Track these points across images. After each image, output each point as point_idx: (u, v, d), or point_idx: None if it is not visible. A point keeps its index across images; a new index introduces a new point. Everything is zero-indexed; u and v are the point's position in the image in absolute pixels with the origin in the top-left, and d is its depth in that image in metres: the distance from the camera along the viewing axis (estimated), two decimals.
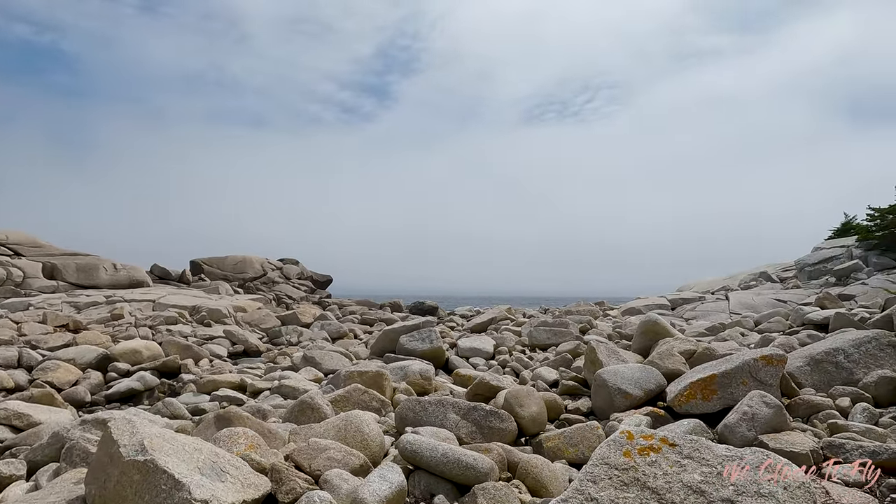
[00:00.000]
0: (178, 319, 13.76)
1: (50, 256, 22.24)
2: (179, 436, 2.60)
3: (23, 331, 11.03)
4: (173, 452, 2.32)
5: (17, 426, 4.67)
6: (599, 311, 16.45)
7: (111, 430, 2.31)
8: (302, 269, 30.96)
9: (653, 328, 6.09)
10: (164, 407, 5.55)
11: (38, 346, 9.41)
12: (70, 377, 7.30)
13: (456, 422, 3.96)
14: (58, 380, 7.13)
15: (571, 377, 5.67)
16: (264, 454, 3.13)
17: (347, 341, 11.42)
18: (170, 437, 2.45)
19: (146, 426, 2.41)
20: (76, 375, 7.42)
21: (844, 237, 20.52)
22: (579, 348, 7.29)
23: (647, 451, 1.71)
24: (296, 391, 6.14)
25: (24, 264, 21.15)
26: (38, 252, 22.62)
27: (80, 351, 8.33)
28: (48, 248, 23.13)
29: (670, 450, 1.71)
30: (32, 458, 3.53)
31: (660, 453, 1.70)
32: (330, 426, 3.48)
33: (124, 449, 2.21)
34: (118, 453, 2.21)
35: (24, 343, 9.55)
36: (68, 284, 21.10)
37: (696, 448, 1.71)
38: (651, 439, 1.76)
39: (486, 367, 7.86)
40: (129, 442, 2.24)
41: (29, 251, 22.49)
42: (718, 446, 1.72)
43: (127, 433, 2.30)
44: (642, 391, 4.40)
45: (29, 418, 4.72)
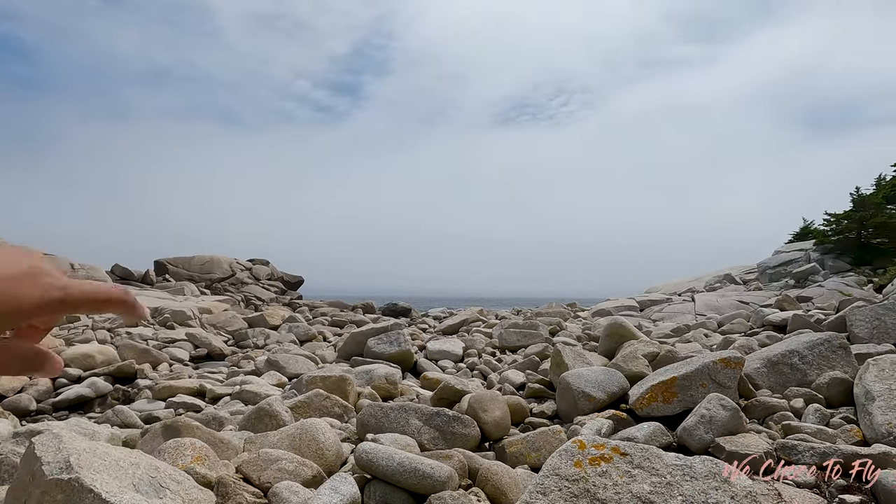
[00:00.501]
0: (138, 322, 13.25)
1: None
2: (116, 449, 2.44)
3: None
4: (105, 469, 2.17)
5: None
6: (570, 313, 16.62)
7: (34, 446, 2.14)
8: (272, 269, 30.33)
9: (618, 330, 6.14)
10: (114, 415, 5.28)
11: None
12: (14, 384, 6.90)
13: (418, 428, 3.88)
14: (1, 387, 6.72)
15: (538, 380, 5.66)
16: (212, 466, 2.98)
17: (316, 344, 11.19)
18: (102, 452, 2.28)
19: (75, 441, 2.24)
20: (21, 382, 7.01)
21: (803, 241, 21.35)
22: (547, 350, 7.31)
23: (598, 461, 1.67)
24: (258, 397, 5.94)
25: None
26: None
27: None
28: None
29: (621, 459, 1.68)
30: None
31: (610, 463, 1.66)
32: (284, 435, 3.34)
33: (47, 467, 2.04)
34: (40, 471, 2.04)
35: None
36: None
37: (647, 457, 1.68)
38: (602, 448, 1.72)
39: (455, 369, 7.80)
40: (54, 459, 2.08)
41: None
42: (669, 455, 1.69)
43: (52, 449, 2.13)
44: (605, 394, 4.40)
45: None
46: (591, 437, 1.83)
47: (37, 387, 6.98)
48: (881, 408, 3.29)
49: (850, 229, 18.12)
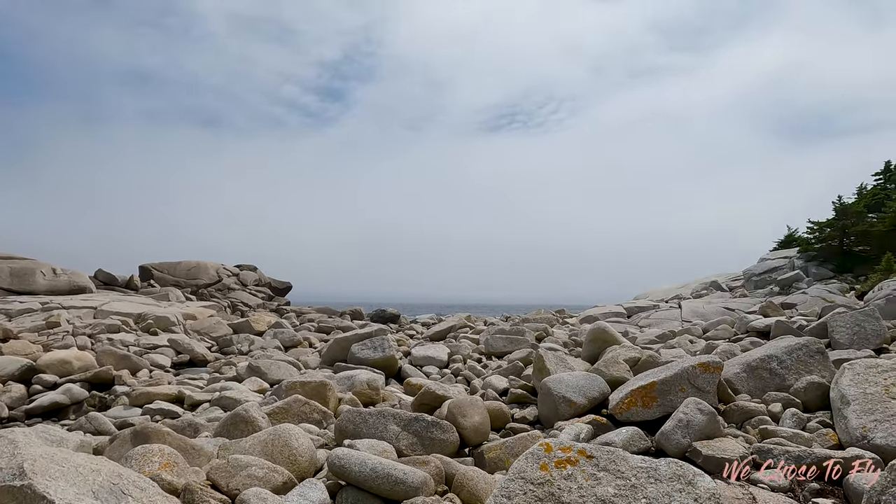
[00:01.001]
0: (120, 328, 13.01)
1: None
2: (76, 456, 2.37)
3: None
4: (62, 475, 2.10)
5: None
6: (558, 319, 16.64)
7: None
8: (260, 275, 30.06)
9: (601, 336, 6.14)
10: (87, 422, 5.15)
11: None
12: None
13: (396, 433, 3.82)
14: None
15: (521, 385, 5.63)
16: (181, 473, 2.90)
17: (301, 350, 11.07)
18: (60, 458, 2.21)
19: (31, 447, 2.17)
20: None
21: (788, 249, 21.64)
22: (531, 356, 7.29)
23: (564, 464, 1.65)
24: (237, 403, 5.83)
25: None
26: None
27: (2, 361, 7.70)
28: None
29: (587, 462, 1.65)
30: None
31: (576, 466, 1.64)
32: (256, 441, 3.27)
33: (0, 473, 1.97)
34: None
35: None
36: (1, 290, 19.69)
37: (612, 460, 1.66)
38: (569, 451, 1.70)
39: (440, 375, 7.75)
40: (7, 465, 2.01)
41: None
42: (634, 458, 1.67)
43: (6, 455, 2.06)
44: (586, 399, 4.39)
45: None
46: (559, 440, 1.80)
47: (10, 393, 6.81)
48: (856, 412, 3.30)
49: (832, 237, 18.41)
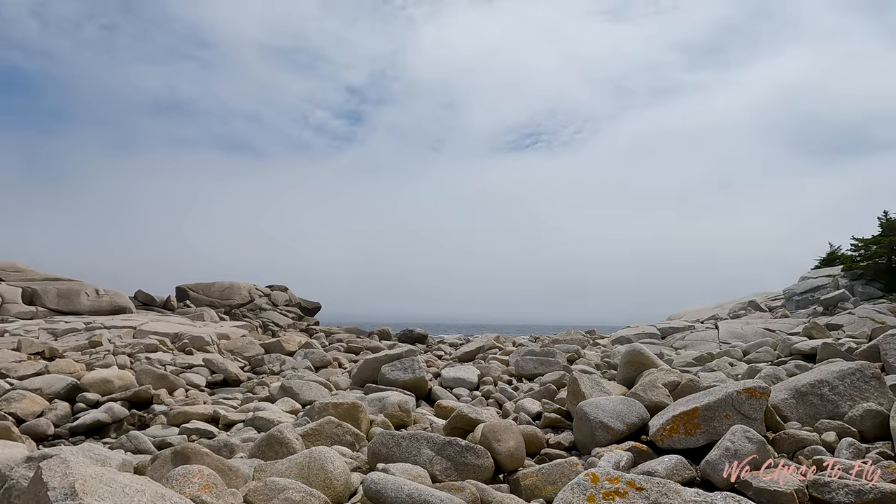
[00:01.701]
0: (158, 347, 13.40)
1: (30, 281, 21.80)
2: (122, 476, 2.42)
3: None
4: (109, 496, 2.14)
5: None
6: (589, 340, 16.28)
7: (41, 471, 2.14)
8: (290, 295, 30.59)
9: (637, 358, 5.97)
10: (127, 440, 5.28)
11: (8, 374, 9.05)
12: (35, 408, 6.98)
13: (430, 458, 3.78)
14: (21, 411, 6.81)
15: (555, 409, 5.50)
16: (220, 495, 2.93)
17: (331, 370, 11.14)
18: (108, 479, 2.26)
19: (82, 466, 2.23)
20: (41, 406, 7.10)
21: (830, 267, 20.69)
22: (565, 379, 7.13)
23: (613, 496, 1.59)
24: (270, 423, 5.89)
25: (4, 289, 20.69)
26: (19, 277, 22.18)
27: (48, 380, 8.01)
28: (29, 273, 22.70)
29: (637, 494, 1.59)
30: None
31: (625, 498, 1.58)
32: (293, 463, 3.28)
33: (52, 492, 2.03)
34: (45, 497, 2.03)
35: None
36: (48, 310, 20.61)
37: (664, 493, 1.59)
38: (617, 482, 1.64)
39: (470, 398, 7.65)
40: (59, 484, 2.07)
41: (9, 276, 22.05)
42: (687, 490, 1.60)
43: (59, 475, 2.12)
44: (624, 425, 4.25)
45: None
46: (604, 469, 1.74)
47: (56, 411, 7.06)
48: None
49: (879, 254, 17.53)
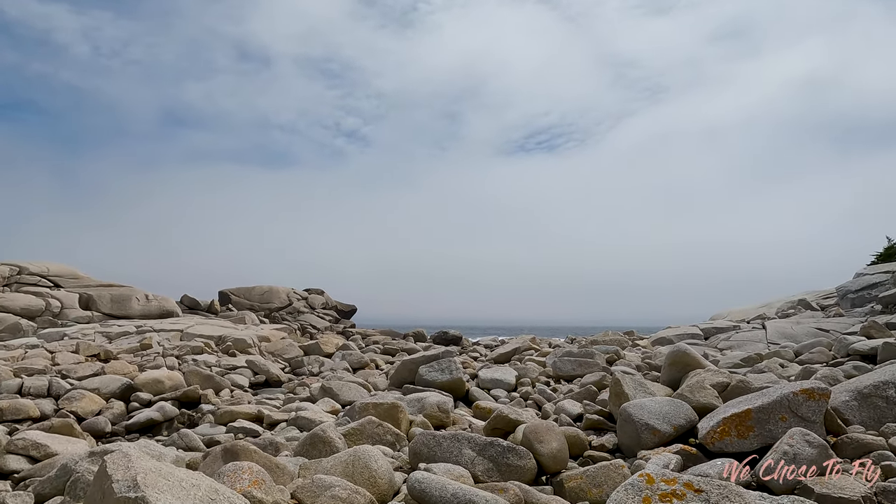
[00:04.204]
0: (204, 349, 13.91)
1: (86, 287, 23.05)
2: (178, 471, 2.52)
3: (56, 360, 11.31)
4: (168, 489, 2.23)
5: (35, 457, 4.67)
6: (628, 341, 15.89)
7: (106, 465, 2.25)
8: (327, 298, 31.20)
9: (682, 359, 5.77)
10: (179, 438, 5.50)
11: (69, 375, 9.60)
12: (94, 407, 7.38)
13: (472, 458, 3.76)
14: (82, 409, 7.21)
15: (596, 411, 5.38)
16: (268, 491, 3.00)
17: (368, 371, 11.28)
18: (166, 473, 2.36)
19: (142, 461, 2.33)
20: (100, 405, 7.49)
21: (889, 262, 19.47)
22: (605, 380, 6.98)
23: (670, 498, 1.53)
24: (312, 423, 6.01)
25: (62, 295, 21.96)
26: (76, 283, 23.50)
27: (105, 381, 8.45)
28: (85, 280, 24.01)
29: (695, 496, 1.52)
30: (41, 491, 3.49)
31: (683, 500, 1.52)
32: (337, 461, 3.34)
33: (117, 485, 2.13)
34: (110, 489, 2.13)
35: (56, 372, 9.76)
36: (102, 315, 21.74)
37: (726, 495, 1.52)
38: (674, 484, 1.58)
39: (508, 399, 7.59)
40: (123, 477, 2.17)
41: (67, 283, 23.39)
42: (751, 493, 1.52)
43: (122, 468, 2.23)
44: (671, 427, 4.11)
45: (46, 449, 4.72)
46: (660, 471, 1.69)
47: (112, 410, 7.43)
48: None
49: None
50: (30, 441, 4.74)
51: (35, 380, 8.41)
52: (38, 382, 8.28)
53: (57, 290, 22.56)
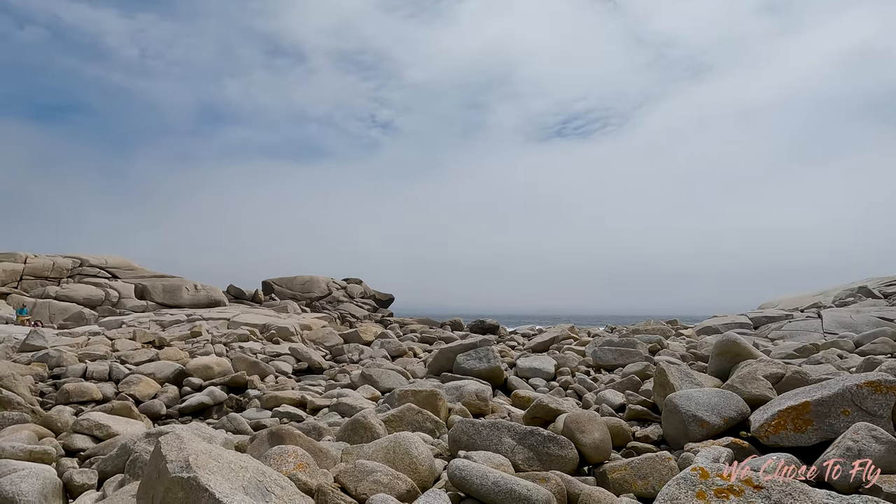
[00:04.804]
0: (249, 337, 14.44)
1: (141, 278, 24.33)
2: (227, 452, 2.60)
3: (115, 346, 12.01)
4: (218, 470, 2.31)
5: (98, 436, 4.98)
6: (671, 331, 15.40)
7: (160, 446, 2.35)
8: (365, 288, 31.74)
9: (732, 349, 5.52)
10: (228, 422, 5.73)
11: (127, 360, 10.17)
12: (150, 391, 7.79)
13: (511, 447, 3.73)
14: (139, 393, 7.62)
15: (639, 401, 5.24)
16: (312, 474, 3.07)
17: (406, 359, 11.41)
18: (216, 454, 2.44)
19: (194, 442, 2.42)
20: (155, 389, 7.90)
21: None
22: (648, 370, 6.78)
23: (727, 494, 1.44)
24: (353, 409, 6.13)
25: (120, 286, 23.27)
26: (132, 275, 24.83)
27: (159, 366, 8.90)
28: (140, 271, 25.34)
29: (755, 493, 1.43)
30: (103, 469, 3.71)
31: (741, 497, 1.43)
32: (379, 447, 3.38)
33: (170, 465, 2.22)
34: (165, 469, 2.22)
35: (116, 358, 10.37)
36: (155, 304, 22.92)
37: (789, 493, 1.42)
38: (730, 479, 1.49)
39: (547, 388, 7.51)
40: (176, 458, 2.26)
41: (124, 274, 24.75)
42: (817, 492, 1.42)
43: (175, 449, 2.32)
44: (721, 419, 3.95)
45: (107, 429, 5.02)
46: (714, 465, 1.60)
47: (167, 394, 7.82)
48: None
49: None
50: (93, 422, 5.05)
51: (97, 365, 8.96)
52: (100, 367, 8.81)
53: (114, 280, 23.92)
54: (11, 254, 24.01)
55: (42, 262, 24.02)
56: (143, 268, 25.92)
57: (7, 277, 22.91)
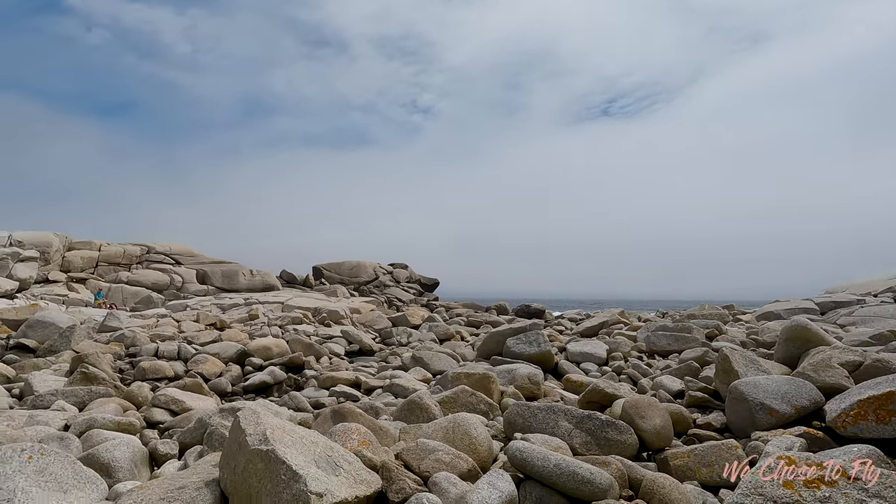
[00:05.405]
0: (302, 320, 15.02)
1: (201, 264, 25.71)
2: (298, 428, 2.74)
3: (181, 328, 12.82)
4: (292, 444, 2.44)
5: (174, 410, 5.36)
6: (728, 316, 14.74)
7: (239, 420, 2.50)
8: (410, 272, 32.18)
9: (802, 334, 5.22)
10: (289, 400, 6.01)
11: (193, 341, 10.84)
12: (215, 369, 8.28)
13: (568, 430, 3.71)
14: (206, 371, 8.12)
15: (700, 388, 5.07)
16: (376, 451, 3.18)
17: (454, 343, 11.53)
18: (289, 429, 2.57)
19: (269, 417, 2.56)
20: (220, 368, 8.39)
21: None
22: (707, 356, 6.54)
23: (817, 484, 1.38)
24: (405, 390, 6.29)
25: (183, 271, 24.69)
26: (193, 261, 26.27)
27: (223, 346, 9.43)
28: (200, 257, 26.77)
29: (849, 485, 1.36)
30: (183, 440, 4.00)
31: (835, 488, 1.36)
32: (438, 427, 3.45)
33: (250, 438, 2.37)
34: (245, 441, 2.37)
35: (183, 339, 11.07)
36: (215, 288, 24.19)
37: (890, 485, 1.33)
38: (821, 469, 1.42)
39: (599, 373, 7.39)
40: (254, 431, 2.40)
41: (186, 260, 26.22)
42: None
43: (252, 423, 2.47)
44: (792, 407, 3.76)
45: (182, 404, 5.40)
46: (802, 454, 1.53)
47: (231, 373, 8.29)
48: None
49: None
50: (170, 397, 5.43)
51: (167, 345, 9.59)
52: (170, 347, 9.43)
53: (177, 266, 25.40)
54: (88, 242, 25.95)
55: (114, 250, 25.83)
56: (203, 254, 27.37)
57: (85, 264, 24.81)
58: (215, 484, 2.50)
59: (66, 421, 4.65)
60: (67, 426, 4.49)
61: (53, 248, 23.57)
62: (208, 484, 2.50)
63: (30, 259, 21.13)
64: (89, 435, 3.92)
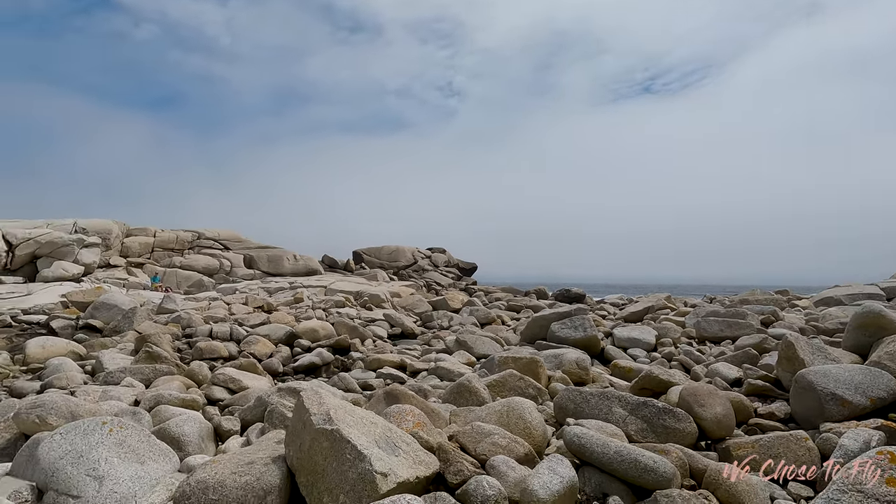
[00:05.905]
0: (345, 303, 15.36)
1: (248, 249, 26.65)
2: (357, 409, 2.80)
3: (232, 311, 13.37)
4: (354, 424, 2.49)
5: (232, 388, 5.61)
6: (784, 301, 14.05)
7: (303, 400, 2.57)
8: (449, 257, 32.28)
9: (875, 321, 4.89)
10: (339, 380, 6.17)
11: (243, 323, 11.28)
12: (266, 350, 8.59)
13: (623, 417, 3.64)
14: (258, 352, 8.44)
15: (760, 376, 4.86)
16: (430, 433, 3.22)
17: (496, 327, 11.52)
18: (350, 409, 2.63)
19: (330, 398, 2.63)
20: (270, 349, 8.70)
21: None
22: (766, 343, 6.25)
23: None
24: (451, 373, 6.34)
25: (231, 256, 25.68)
26: (240, 246, 27.26)
27: (272, 328, 9.77)
28: (247, 243, 27.74)
29: None
30: (244, 417, 4.18)
31: None
32: (491, 411, 3.45)
33: (314, 417, 2.43)
34: (310, 421, 2.44)
35: (234, 321, 11.55)
36: (262, 272, 25.05)
37: None
38: None
39: (648, 359, 7.22)
40: (318, 411, 2.46)
41: (234, 245, 27.24)
42: None
43: (315, 403, 2.53)
44: (867, 399, 3.55)
45: (239, 383, 5.63)
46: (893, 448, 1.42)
47: (280, 354, 8.58)
48: None
49: None
50: (227, 376, 5.69)
51: (220, 326, 10.02)
52: (223, 328, 9.85)
53: (226, 251, 26.44)
54: (144, 228, 27.35)
55: (168, 236, 27.12)
56: (249, 240, 28.36)
57: (141, 250, 26.20)
58: (282, 460, 2.59)
59: (136, 396, 4.95)
60: (137, 401, 4.78)
61: (113, 235, 24.98)
62: (275, 460, 2.59)
63: (93, 245, 22.49)
64: (158, 410, 4.16)
